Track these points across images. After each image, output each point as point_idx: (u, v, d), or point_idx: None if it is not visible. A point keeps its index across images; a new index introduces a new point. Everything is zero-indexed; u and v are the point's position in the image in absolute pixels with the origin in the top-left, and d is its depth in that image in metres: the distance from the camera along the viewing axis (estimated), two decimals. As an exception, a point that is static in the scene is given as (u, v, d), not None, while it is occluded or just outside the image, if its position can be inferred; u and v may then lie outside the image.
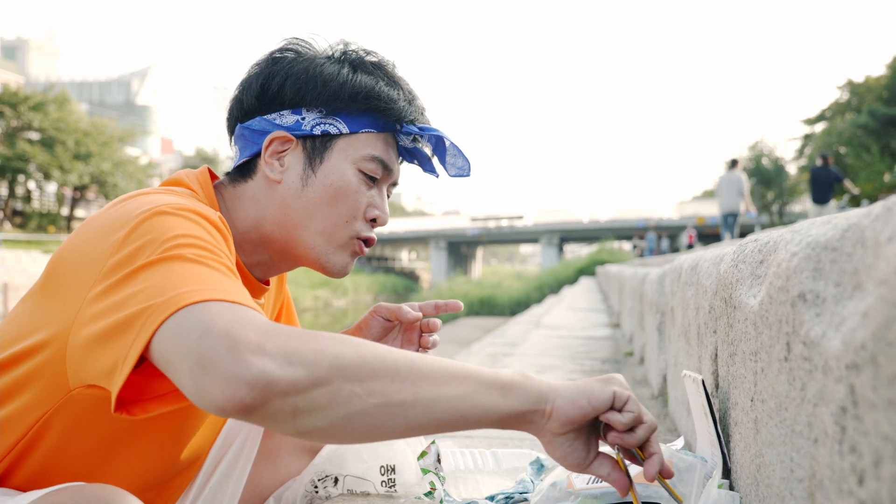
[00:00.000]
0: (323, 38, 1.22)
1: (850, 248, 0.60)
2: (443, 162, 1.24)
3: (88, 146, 38.48)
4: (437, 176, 1.27)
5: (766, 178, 39.54)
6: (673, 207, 48.80)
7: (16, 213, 40.12)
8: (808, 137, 40.12)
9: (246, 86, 1.19)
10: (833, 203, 13.18)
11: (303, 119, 1.16)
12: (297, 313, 1.52)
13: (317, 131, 1.15)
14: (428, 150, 1.23)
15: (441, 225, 56.45)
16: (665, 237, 33.03)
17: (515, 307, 26.55)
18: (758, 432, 0.92)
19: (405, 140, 1.21)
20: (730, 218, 13.66)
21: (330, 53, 1.20)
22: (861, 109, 34.35)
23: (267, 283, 1.27)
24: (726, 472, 1.12)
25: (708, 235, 38.68)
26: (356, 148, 1.17)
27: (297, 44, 1.21)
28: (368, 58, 1.21)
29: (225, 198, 1.19)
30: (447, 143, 1.22)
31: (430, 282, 52.73)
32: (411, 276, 60.72)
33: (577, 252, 63.07)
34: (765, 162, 40.82)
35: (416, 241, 56.41)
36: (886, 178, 30.08)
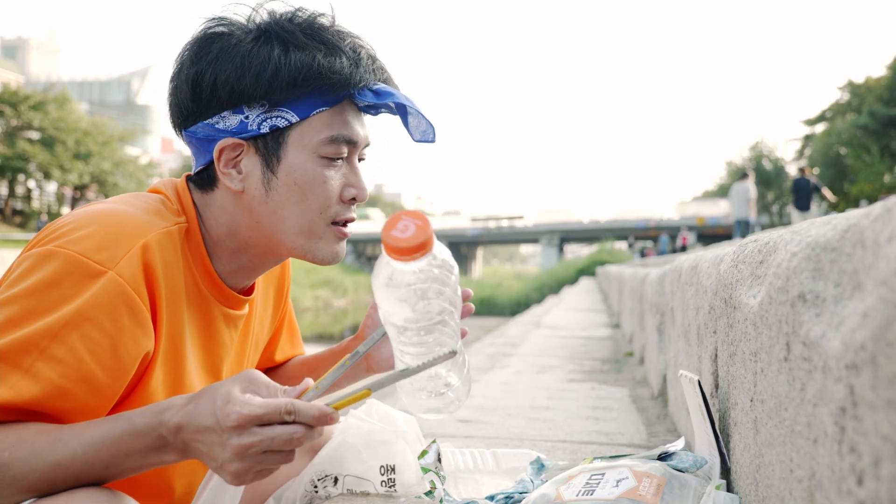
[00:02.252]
0: (246, 5, 1.11)
1: (850, 249, 0.60)
2: (406, 125, 1.14)
3: (88, 145, 38.47)
4: (412, 137, 1.15)
5: (765, 178, 39.54)
6: (673, 208, 48.84)
7: (16, 212, 40.12)
8: (808, 138, 40.14)
9: (178, 87, 1.10)
10: (814, 209, 14.61)
11: (246, 118, 1.06)
12: (297, 314, 1.51)
13: (265, 128, 1.06)
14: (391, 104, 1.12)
15: (441, 225, 56.42)
16: (667, 237, 33.08)
17: (515, 307, 26.54)
18: (757, 432, 0.92)
19: (364, 100, 1.10)
20: (741, 225, 14.96)
21: (254, 27, 1.09)
22: (861, 110, 34.34)
23: (249, 292, 1.23)
24: (725, 473, 1.12)
25: (709, 236, 38.69)
26: (312, 133, 1.07)
27: (217, 25, 1.09)
28: (296, 22, 1.08)
29: (197, 204, 1.13)
30: (408, 108, 1.11)
31: (431, 282, 52.55)
32: (411, 276, 60.51)
33: (578, 252, 63.07)
34: (765, 163, 40.79)
35: (417, 241, 56.28)
36: (886, 178, 30.08)
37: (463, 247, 58.64)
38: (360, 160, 1.17)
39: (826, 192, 14.60)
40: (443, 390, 1.02)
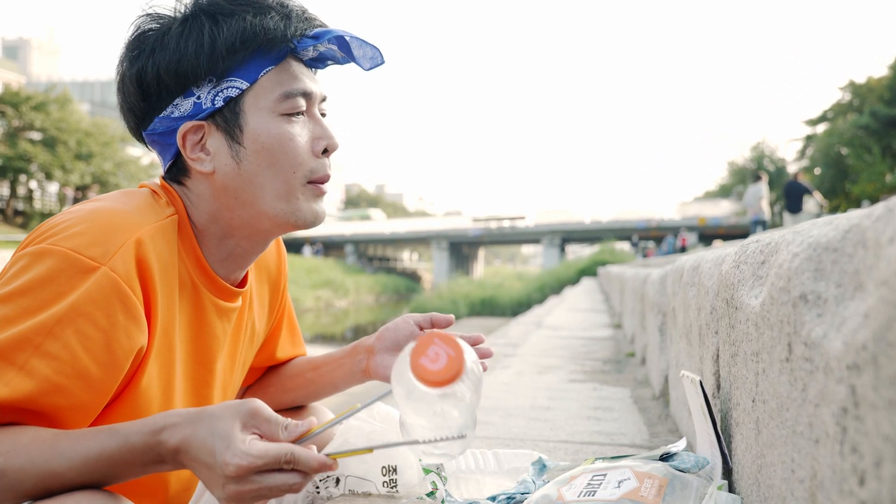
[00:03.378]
0: None
1: (852, 249, 0.60)
2: (353, 59, 1.14)
3: (90, 146, 38.49)
4: (363, 66, 1.15)
5: (767, 178, 39.50)
6: (675, 208, 48.84)
7: (17, 212, 40.16)
8: (809, 138, 40.13)
9: (123, 90, 1.11)
10: (805, 211, 15.58)
11: (199, 99, 1.07)
12: (299, 314, 1.52)
13: (219, 102, 1.07)
14: (334, 48, 1.13)
15: (443, 225, 56.43)
16: (673, 238, 33.10)
17: (517, 308, 26.52)
18: (759, 433, 0.92)
19: (306, 53, 1.12)
20: (757, 225, 15.98)
21: (182, 13, 1.09)
22: (863, 110, 34.32)
23: (242, 285, 1.23)
24: (726, 473, 1.12)
25: (710, 236, 38.66)
26: (264, 95, 1.08)
27: (147, 21, 1.10)
28: None
29: (181, 199, 1.14)
30: (348, 38, 1.11)
31: (432, 282, 52.69)
32: (413, 277, 60.65)
33: (579, 253, 63.00)
34: (766, 163, 40.78)
35: (418, 241, 56.38)
36: (888, 178, 30.05)
37: (464, 247, 58.62)
38: (322, 115, 1.17)
39: (817, 195, 15.74)
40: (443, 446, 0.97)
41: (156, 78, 1.07)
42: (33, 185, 40.79)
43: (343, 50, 1.13)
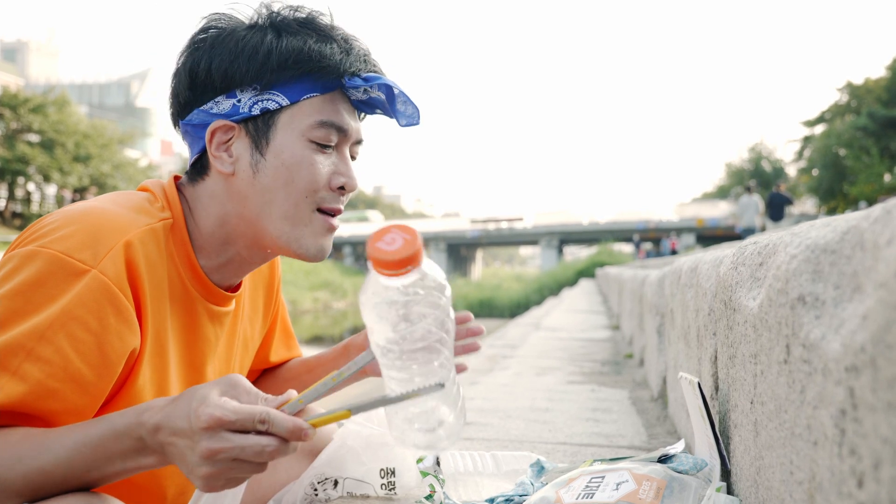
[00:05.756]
0: (247, 5, 1.14)
1: (850, 251, 0.60)
2: (394, 111, 1.15)
3: (88, 148, 38.51)
4: (399, 122, 1.17)
5: (765, 180, 39.55)
6: (672, 209, 48.86)
7: (15, 215, 40.13)
8: (807, 139, 40.21)
9: (176, 78, 1.13)
10: (786, 217, 17.23)
11: (238, 101, 1.09)
12: (296, 316, 1.52)
13: (256, 111, 1.08)
14: (379, 95, 1.14)
15: (441, 227, 56.44)
16: (666, 238, 33.13)
17: (515, 309, 26.54)
18: (757, 435, 0.92)
19: (356, 93, 1.13)
20: (748, 234, 16.63)
21: (252, 21, 1.12)
22: (860, 111, 34.40)
23: (235, 289, 1.23)
24: (725, 475, 1.12)
25: (708, 238, 38.68)
26: (301, 117, 1.09)
27: (217, 19, 1.13)
28: (295, 15, 1.12)
29: (188, 199, 1.14)
30: (396, 91, 1.13)
31: (430, 284, 52.51)
32: (411, 278, 60.44)
33: (577, 254, 63.03)
34: (764, 164, 40.82)
35: (416, 243, 56.25)
36: (886, 179, 30.10)
37: (462, 249, 58.64)
38: (352, 158, 1.17)
39: (796, 206, 17.27)
40: (434, 426, 0.95)
41: (206, 72, 1.09)
42: (31, 187, 40.78)
43: (387, 99, 1.14)
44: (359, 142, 1.17)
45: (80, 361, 0.94)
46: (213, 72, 1.08)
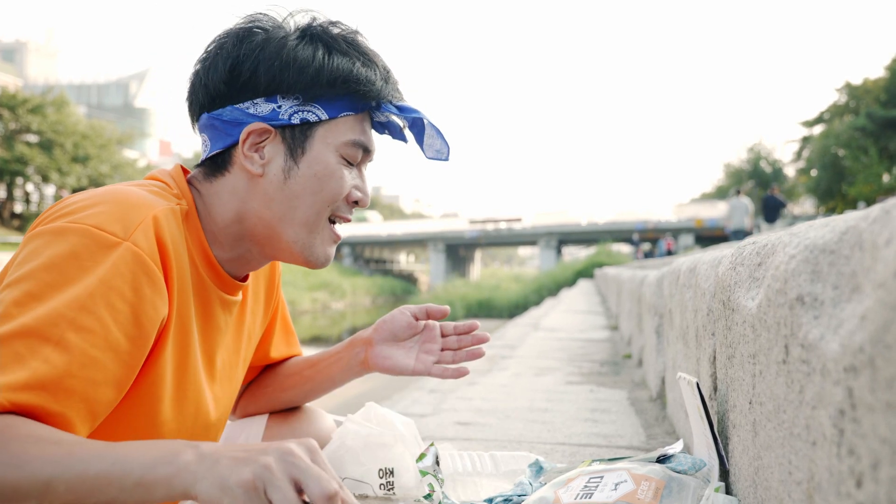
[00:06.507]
0: (282, 7, 1.17)
1: (848, 251, 0.60)
2: (420, 143, 1.22)
3: (87, 149, 38.51)
4: (406, 142, 1.24)
5: (764, 180, 39.60)
6: (671, 209, 48.84)
7: (14, 215, 40.12)
8: (806, 140, 40.25)
9: (211, 69, 1.13)
10: (781, 218, 17.84)
11: (279, 108, 1.12)
12: (295, 316, 1.53)
13: (295, 120, 1.12)
14: (400, 122, 1.22)
15: (439, 227, 56.39)
16: (662, 239, 33.16)
17: (514, 309, 26.54)
18: (756, 435, 0.92)
19: (380, 116, 1.20)
20: (738, 235, 17.07)
21: (297, 31, 1.15)
22: (859, 112, 34.43)
23: (244, 279, 1.25)
24: (723, 475, 1.12)
25: (707, 238, 38.70)
26: (337, 134, 1.14)
27: (260, 20, 1.15)
28: (337, 31, 1.16)
29: (201, 193, 1.16)
30: (426, 124, 1.20)
31: (429, 284, 52.70)
32: (409, 279, 60.64)
33: (576, 254, 63.05)
34: (763, 164, 40.87)
35: (415, 243, 56.35)
36: (885, 179, 30.14)
37: (461, 249, 58.62)
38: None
39: (790, 208, 17.98)
40: None
41: (251, 72, 1.11)
42: (30, 187, 40.77)
43: (414, 129, 1.22)
44: (371, 158, 1.24)
45: (119, 331, 0.95)
46: (261, 75, 1.11)
